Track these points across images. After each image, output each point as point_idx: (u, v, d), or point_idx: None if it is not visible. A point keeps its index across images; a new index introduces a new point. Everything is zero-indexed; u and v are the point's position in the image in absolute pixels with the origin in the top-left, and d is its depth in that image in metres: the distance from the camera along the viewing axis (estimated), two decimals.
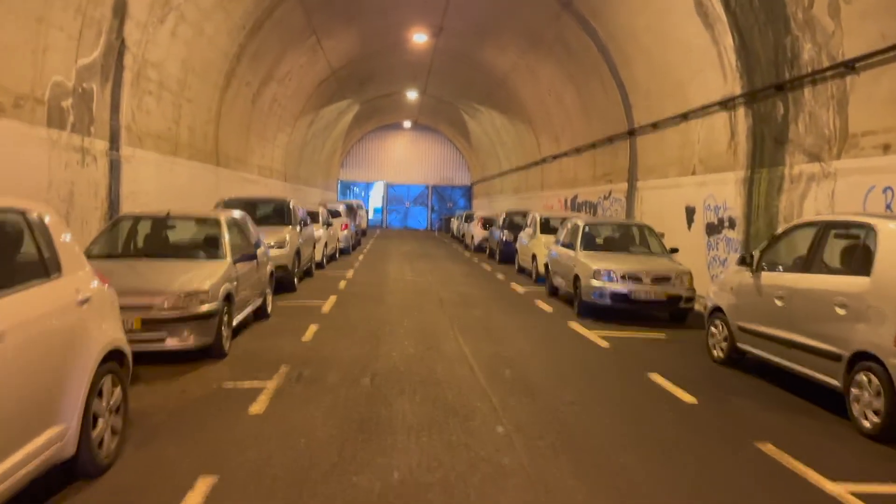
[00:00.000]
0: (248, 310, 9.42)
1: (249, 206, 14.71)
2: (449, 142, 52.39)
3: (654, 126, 16.38)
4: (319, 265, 18.46)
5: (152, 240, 9.06)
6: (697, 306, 12.00)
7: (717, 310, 8.74)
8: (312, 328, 9.98)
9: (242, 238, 9.64)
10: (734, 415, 6.65)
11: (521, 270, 19.41)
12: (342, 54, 25.49)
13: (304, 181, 34.64)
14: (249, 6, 15.87)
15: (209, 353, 7.78)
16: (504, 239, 22.21)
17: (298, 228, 14.38)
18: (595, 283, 11.39)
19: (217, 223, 8.93)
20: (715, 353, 8.78)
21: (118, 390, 4.92)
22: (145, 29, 11.95)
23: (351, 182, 53.73)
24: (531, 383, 7.46)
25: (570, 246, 12.94)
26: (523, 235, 19.27)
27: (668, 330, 10.99)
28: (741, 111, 12.47)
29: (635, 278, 11.27)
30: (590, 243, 12.84)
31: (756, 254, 8.15)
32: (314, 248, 16.69)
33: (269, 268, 10.57)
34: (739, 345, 8.25)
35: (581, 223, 13.19)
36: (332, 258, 21.17)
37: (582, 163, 23.23)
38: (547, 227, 18.06)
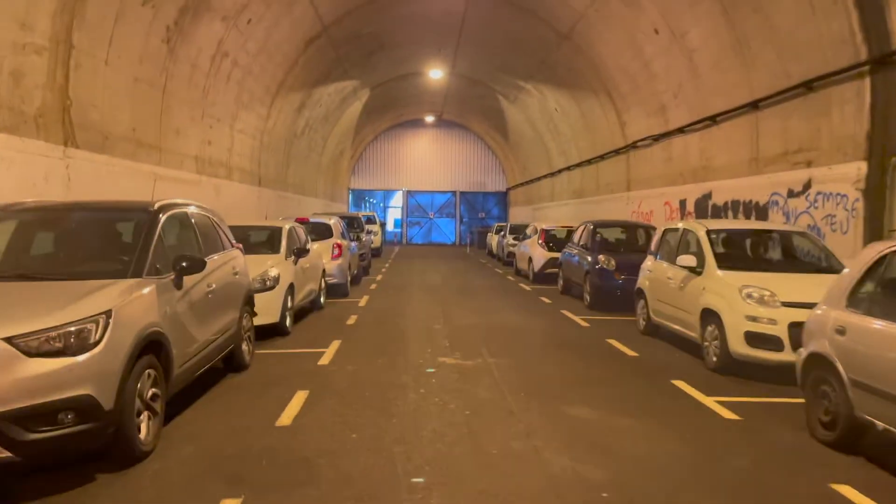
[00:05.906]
0: None
1: (52, 223, 6.00)
2: (480, 140, 43.57)
3: None
4: (279, 331, 9.79)
5: None
6: None
7: None
8: None
9: None
10: None
11: (654, 331, 10.49)
12: None
13: (297, 188, 25.94)
14: None
15: None
16: (600, 268, 13.34)
17: (171, 280, 5.58)
18: None
19: None
20: None
21: None
22: None
23: (365, 191, 45.03)
24: None
25: None
26: (655, 268, 10.38)
27: None
28: None
29: None
30: None
31: None
32: (245, 312, 7.88)
33: None
34: None
35: None
36: (312, 307, 12.45)
37: (719, 140, 14.28)
38: (726, 254, 9.14)
